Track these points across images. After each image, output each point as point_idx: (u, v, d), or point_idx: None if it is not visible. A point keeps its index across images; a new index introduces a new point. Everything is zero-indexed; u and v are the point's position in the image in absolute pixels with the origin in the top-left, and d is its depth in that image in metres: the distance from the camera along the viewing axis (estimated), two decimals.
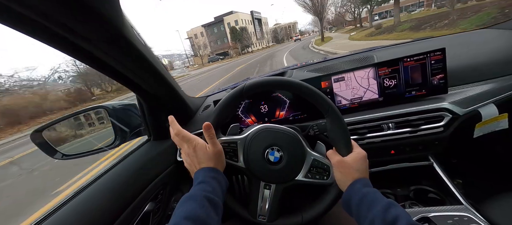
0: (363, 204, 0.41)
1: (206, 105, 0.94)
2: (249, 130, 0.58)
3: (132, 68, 0.50)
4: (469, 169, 0.95)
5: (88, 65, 0.44)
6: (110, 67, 0.47)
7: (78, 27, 0.33)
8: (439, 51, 0.69)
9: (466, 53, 0.86)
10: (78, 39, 0.35)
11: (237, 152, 0.56)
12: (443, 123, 0.69)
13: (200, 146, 0.49)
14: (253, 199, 0.56)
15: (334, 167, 0.50)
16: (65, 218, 0.44)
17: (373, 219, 0.38)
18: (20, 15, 0.28)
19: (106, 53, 0.42)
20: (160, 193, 0.67)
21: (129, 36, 0.41)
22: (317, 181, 0.53)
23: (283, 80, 0.53)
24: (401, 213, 0.37)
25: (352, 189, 0.45)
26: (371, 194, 0.42)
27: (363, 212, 0.40)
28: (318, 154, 0.55)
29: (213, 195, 0.41)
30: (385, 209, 0.38)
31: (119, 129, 0.73)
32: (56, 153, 0.66)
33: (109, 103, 0.69)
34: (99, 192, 0.52)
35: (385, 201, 0.39)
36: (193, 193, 0.41)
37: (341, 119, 0.51)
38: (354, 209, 0.43)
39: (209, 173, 0.46)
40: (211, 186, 0.44)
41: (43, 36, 0.34)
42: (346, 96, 0.78)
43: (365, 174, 0.48)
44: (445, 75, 0.71)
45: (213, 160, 0.49)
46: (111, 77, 0.51)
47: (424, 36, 1.13)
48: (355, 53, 1.10)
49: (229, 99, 0.53)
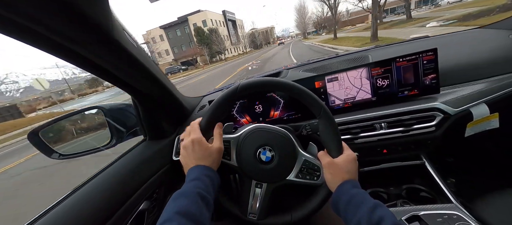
0: (351, 205, 0.42)
1: (202, 105, 0.95)
2: (243, 129, 0.59)
3: (125, 70, 0.51)
4: (461, 168, 0.96)
5: (81, 68, 0.45)
6: (103, 69, 0.48)
7: (68, 31, 0.34)
8: (431, 51, 0.70)
9: (458, 53, 0.87)
10: (68, 42, 0.36)
11: (230, 151, 0.57)
12: (435, 122, 0.70)
13: (200, 143, 0.49)
14: (244, 197, 0.57)
15: (325, 168, 0.51)
16: (61, 216, 0.45)
17: (360, 220, 0.38)
18: (8, 19, 0.29)
19: (98, 56, 0.42)
20: (155, 192, 0.68)
21: (120, 39, 0.42)
22: (308, 181, 0.54)
23: (276, 81, 0.54)
24: (386, 213, 0.37)
25: (341, 189, 0.46)
26: (359, 195, 0.42)
27: (351, 213, 0.41)
28: (309, 155, 0.56)
29: (205, 193, 0.42)
30: (371, 210, 0.38)
31: (115, 129, 0.74)
32: (53, 152, 0.68)
33: (105, 104, 0.70)
34: (94, 191, 0.53)
35: (372, 202, 0.40)
36: (186, 190, 0.41)
37: (332, 121, 0.52)
38: (342, 210, 0.44)
39: (204, 171, 0.47)
40: (204, 183, 0.44)
41: (34, 41, 0.34)
42: (340, 96, 0.79)
43: (354, 175, 0.49)
44: (437, 75, 0.71)
45: (209, 158, 0.49)
46: (105, 79, 0.51)
47: (419, 36, 1.14)
48: (351, 53, 1.10)
49: (222, 99, 0.54)
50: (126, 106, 0.77)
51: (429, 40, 1.06)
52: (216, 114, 0.53)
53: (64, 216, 0.45)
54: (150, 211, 0.64)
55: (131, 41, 0.47)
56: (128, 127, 0.77)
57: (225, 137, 0.57)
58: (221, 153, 0.53)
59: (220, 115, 0.54)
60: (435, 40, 1.06)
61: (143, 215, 0.61)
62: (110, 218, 0.50)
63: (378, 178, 0.83)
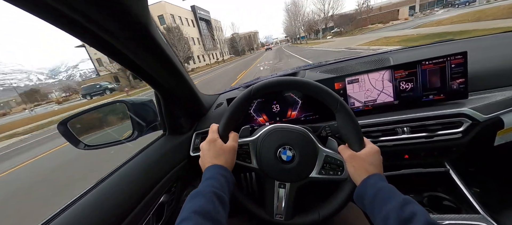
0: (378, 198, 0.40)
1: (218, 103, 0.96)
2: (260, 131, 0.59)
3: (154, 66, 0.52)
4: (487, 178, 0.91)
5: (114, 60, 0.47)
6: (134, 63, 0.49)
7: (109, 25, 0.35)
8: (460, 54, 0.67)
9: (488, 58, 0.82)
10: (107, 35, 0.38)
11: (250, 154, 0.57)
12: (462, 128, 0.67)
13: (215, 143, 0.51)
14: (268, 198, 0.56)
15: (347, 162, 0.50)
16: (89, 205, 0.47)
17: (388, 215, 0.37)
18: (57, 10, 0.31)
19: (132, 51, 0.44)
20: (173, 186, 0.69)
21: (155, 35, 0.44)
22: (331, 176, 0.53)
23: (291, 80, 0.53)
24: (418, 210, 0.35)
25: (366, 183, 0.44)
26: (386, 189, 0.41)
27: (377, 207, 0.39)
28: (330, 150, 0.55)
29: (220, 192, 0.42)
30: (400, 205, 0.36)
31: (136, 123, 0.77)
32: (80, 143, 0.71)
33: (129, 99, 0.72)
34: (120, 183, 0.55)
35: (402, 197, 0.38)
36: (202, 189, 0.42)
37: (351, 113, 0.50)
38: (368, 204, 0.42)
39: (219, 170, 0.47)
40: (219, 182, 0.45)
41: (77, 32, 0.36)
42: (360, 99, 0.77)
43: (379, 168, 0.47)
44: (466, 79, 0.68)
45: (223, 157, 0.50)
46: (134, 72, 0.53)
47: (444, 39, 1.09)
48: (370, 54, 1.08)
49: (237, 103, 0.54)
50: (147, 101, 0.80)
51: (455, 44, 1.02)
52: (233, 118, 0.54)
53: (93, 206, 0.47)
54: (169, 204, 0.66)
55: (162, 37, 0.48)
56: (148, 121, 0.80)
57: (243, 140, 0.57)
58: (235, 152, 0.53)
59: (237, 119, 0.55)
60: (463, 44, 1.01)
61: (163, 207, 0.63)
62: (133, 210, 0.51)
63: (398, 184, 0.79)
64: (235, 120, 0.54)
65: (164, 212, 0.63)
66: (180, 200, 0.74)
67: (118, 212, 0.48)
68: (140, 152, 0.69)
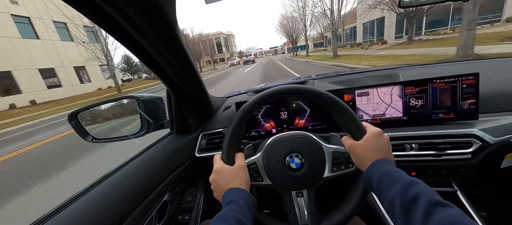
0: (383, 182, 0.39)
1: (226, 106, 0.96)
2: (263, 146, 0.58)
3: (173, 65, 0.53)
4: (493, 201, 0.90)
5: (136, 56, 0.48)
6: (155, 61, 0.51)
7: (140, 22, 0.37)
8: (472, 75, 0.67)
9: (500, 80, 0.82)
10: (136, 32, 0.39)
11: (259, 171, 0.55)
12: (472, 149, 0.66)
13: (223, 169, 0.50)
14: (290, 211, 0.55)
15: (350, 153, 0.49)
16: (97, 198, 0.47)
17: (392, 197, 0.35)
18: (97, 6, 0.32)
19: (156, 49, 0.45)
20: (177, 185, 0.69)
21: (179, 36, 0.45)
22: (344, 171, 0.52)
23: (280, 90, 0.52)
24: (422, 189, 0.33)
25: (371, 169, 0.43)
26: (391, 172, 0.39)
27: (384, 191, 0.38)
28: (334, 145, 0.54)
29: (240, 215, 0.41)
30: (404, 186, 0.35)
31: (145, 119, 0.77)
32: (88, 135, 0.71)
33: (140, 95, 0.73)
34: (126, 179, 0.55)
35: (407, 179, 0.37)
36: (223, 213, 0.41)
37: (344, 106, 0.50)
38: (375, 189, 0.41)
39: (237, 192, 0.46)
40: (239, 205, 0.44)
41: (111, 29, 0.38)
42: (368, 111, 0.77)
43: (384, 152, 0.45)
44: (477, 100, 0.68)
45: (237, 178, 0.49)
46: (152, 69, 0.54)
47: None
48: (379, 69, 1.08)
49: (233, 128, 0.53)
50: (157, 99, 0.80)
51: (467, 64, 1.02)
52: (233, 141, 0.53)
53: (100, 199, 0.47)
54: (172, 203, 0.66)
55: (183, 39, 0.49)
56: (156, 119, 0.80)
57: (249, 160, 0.56)
58: (246, 169, 0.52)
59: (238, 140, 0.54)
60: (475, 65, 1.01)
61: (166, 206, 0.62)
62: (137, 207, 0.51)
63: None
64: (236, 142, 0.54)
65: (167, 211, 0.63)
66: (182, 199, 0.74)
67: (122, 210, 0.48)
68: (147, 149, 0.69)
